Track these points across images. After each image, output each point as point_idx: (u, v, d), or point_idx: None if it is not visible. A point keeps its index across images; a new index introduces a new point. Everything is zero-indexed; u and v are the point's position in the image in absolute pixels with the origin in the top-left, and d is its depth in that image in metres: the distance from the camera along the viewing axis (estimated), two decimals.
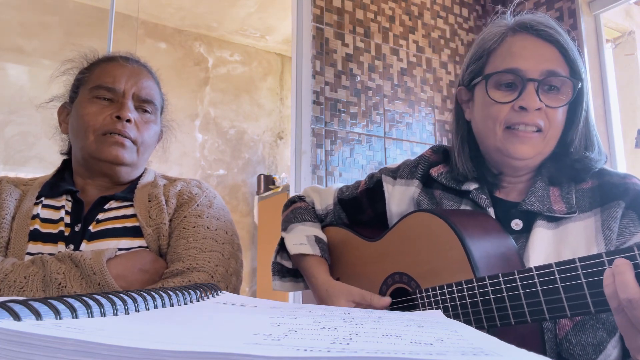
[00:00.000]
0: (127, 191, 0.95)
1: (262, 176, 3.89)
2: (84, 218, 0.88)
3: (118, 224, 0.88)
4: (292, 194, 2.11)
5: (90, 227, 0.87)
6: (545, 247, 0.71)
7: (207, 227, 0.91)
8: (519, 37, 0.78)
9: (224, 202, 1.02)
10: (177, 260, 0.84)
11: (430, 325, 0.37)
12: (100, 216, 0.89)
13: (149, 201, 0.92)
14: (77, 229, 0.87)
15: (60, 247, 0.84)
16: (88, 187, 0.94)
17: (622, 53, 2.60)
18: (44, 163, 2.82)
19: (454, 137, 0.88)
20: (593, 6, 2.41)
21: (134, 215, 0.90)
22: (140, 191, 0.95)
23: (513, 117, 0.75)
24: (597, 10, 2.39)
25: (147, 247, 0.87)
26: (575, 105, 0.78)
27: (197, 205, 0.93)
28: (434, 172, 0.88)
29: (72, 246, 0.84)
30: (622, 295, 0.48)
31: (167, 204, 0.92)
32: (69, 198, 0.91)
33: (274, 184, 3.84)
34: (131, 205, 0.92)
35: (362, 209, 1.01)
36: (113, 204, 0.92)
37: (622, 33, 2.61)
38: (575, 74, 0.76)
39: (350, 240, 0.95)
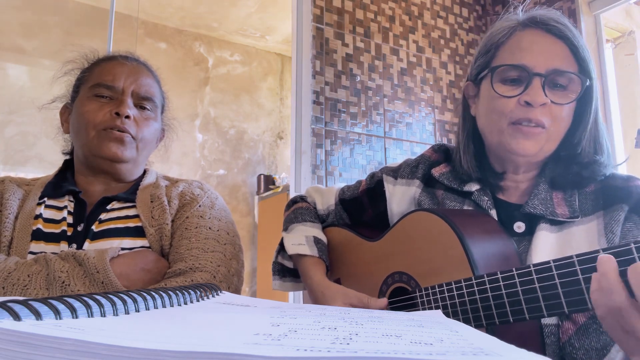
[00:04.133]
0: (130, 192, 0.95)
1: (262, 176, 3.89)
2: (86, 218, 0.89)
3: (121, 224, 0.89)
4: (292, 194, 2.11)
5: (93, 227, 0.87)
6: (548, 250, 0.70)
7: (209, 228, 0.91)
8: (528, 32, 0.76)
9: (225, 203, 1.02)
10: (180, 260, 0.85)
11: (430, 325, 0.37)
12: (103, 216, 0.90)
13: (152, 202, 0.93)
14: (79, 228, 0.87)
15: (63, 246, 0.85)
16: (90, 187, 0.95)
17: (622, 53, 2.60)
18: (44, 163, 2.82)
19: (459, 134, 0.87)
20: (593, 6, 2.41)
21: (136, 216, 0.91)
22: (143, 192, 0.95)
23: (518, 113, 0.73)
24: (597, 10, 2.39)
25: (149, 247, 0.88)
26: (583, 105, 0.76)
27: (199, 206, 0.94)
28: (436, 172, 0.87)
29: (74, 245, 0.85)
30: (608, 301, 0.47)
31: (169, 204, 0.93)
32: (71, 198, 0.92)
33: (274, 184, 3.84)
34: (133, 206, 0.92)
35: (363, 208, 1.00)
36: (115, 204, 0.92)
37: (622, 33, 2.60)
38: (584, 72, 0.74)
39: (351, 241, 0.95)
